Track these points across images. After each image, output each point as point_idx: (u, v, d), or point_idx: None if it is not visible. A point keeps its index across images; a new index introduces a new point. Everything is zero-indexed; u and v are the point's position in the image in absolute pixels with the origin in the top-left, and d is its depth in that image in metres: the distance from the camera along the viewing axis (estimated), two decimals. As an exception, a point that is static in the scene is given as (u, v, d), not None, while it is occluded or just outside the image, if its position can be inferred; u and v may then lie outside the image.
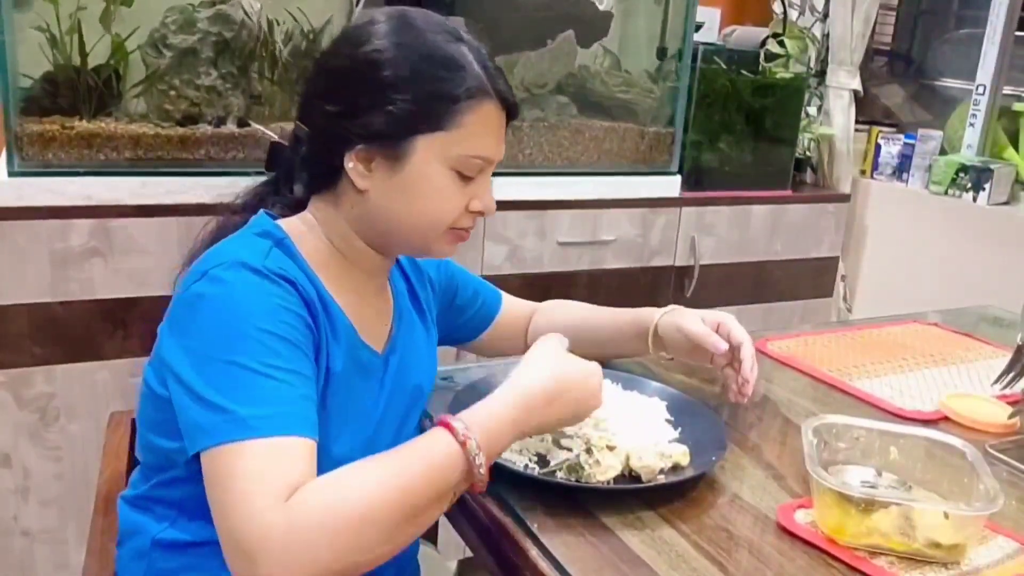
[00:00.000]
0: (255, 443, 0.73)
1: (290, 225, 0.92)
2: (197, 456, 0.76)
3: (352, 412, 0.90)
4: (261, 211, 0.93)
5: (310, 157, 0.92)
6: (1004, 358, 1.20)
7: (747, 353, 1.05)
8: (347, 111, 0.88)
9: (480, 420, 0.79)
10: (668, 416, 1.01)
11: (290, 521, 0.69)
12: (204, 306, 0.79)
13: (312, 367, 0.82)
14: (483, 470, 0.77)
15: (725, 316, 1.09)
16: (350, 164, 0.88)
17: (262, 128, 1.79)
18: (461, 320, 1.17)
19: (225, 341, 0.77)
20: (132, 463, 1.02)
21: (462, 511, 0.92)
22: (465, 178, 0.89)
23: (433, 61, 0.87)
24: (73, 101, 1.71)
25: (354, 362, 0.91)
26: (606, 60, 2.32)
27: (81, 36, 1.66)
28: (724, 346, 1.05)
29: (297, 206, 0.95)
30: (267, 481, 0.71)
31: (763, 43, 2.51)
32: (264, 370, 0.76)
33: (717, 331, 1.07)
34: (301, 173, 0.94)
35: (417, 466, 0.75)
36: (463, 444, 0.76)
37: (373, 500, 0.71)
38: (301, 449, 0.75)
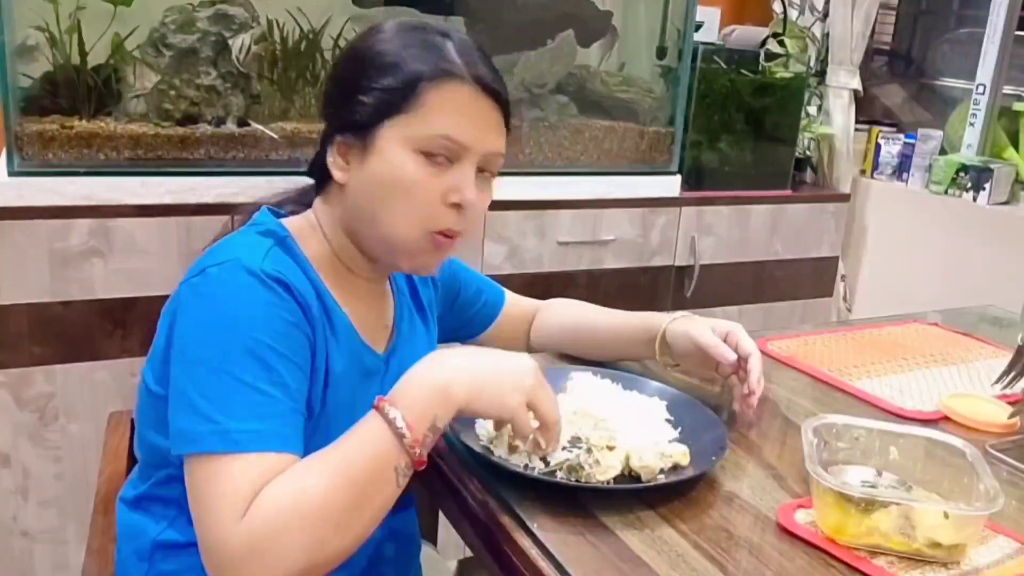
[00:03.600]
0: (237, 458, 0.73)
1: (294, 224, 0.92)
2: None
3: (353, 413, 0.89)
4: (264, 208, 0.93)
5: (314, 157, 0.94)
6: (1004, 358, 1.20)
7: (755, 365, 1.05)
8: (330, 104, 0.91)
9: (406, 394, 0.78)
10: (668, 416, 1.01)
11: (248, 534, 0.70)
12: (199, 306, 0.79)
13: (302, 377, 0.82)
14: (412, 442, 0.75)
15: (734, 326, 1.09)
16: (331, 158, 0.89)
17: (262, 128, 1.80)
18: (464, 317, 1.17)
19: (216, 347, 0.77)
20: (131, 463, 1.01)
21: (462, 511, 0.92)
22: (436, 164, 0.86)
23: (406, 50, 0.87)
24: (72, 101, 1.71)
25: (355, 363, 0.90)
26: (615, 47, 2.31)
27: (81, 36, 1.66)
28: (733, 357, 1.05)
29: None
30: (236, 498, 0.71)
31: (763, 43, 2.51)
32: (254, 382, 0.76)
33: (726, 340, 1.07)
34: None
35: (357, 456, 0.75)
36: (390, 423, 0.75)
37: (322, 496, 0.72)
38: (283, 465, 0.75)
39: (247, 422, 0.75)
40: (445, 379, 0.79)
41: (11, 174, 1.61)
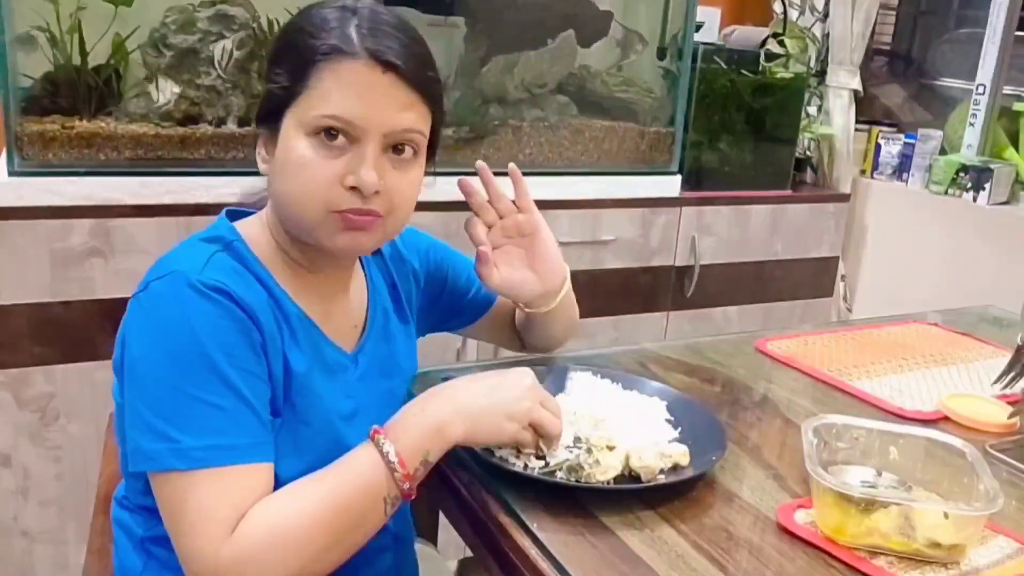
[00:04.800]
0: (202, 474, 0.74)
1: (245, 225, 0.91)
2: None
3: (319, 411, 0.88)
4: (224, 211, 0.93)
5: None
6: (1004, 358, 1.20)
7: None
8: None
9: (401, 428, 0.82)
10: (668, 416, 1.01)
11: (238, 553, 0.72)
12: (143, 323, 0.80)
13: (258, 383, 0.81)
14: (403, 476, 0.79)
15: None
16: (257, 151, 0.89)
17: (262, 128, 1.80)
18: (456, 307, 1.16)
19: (163, 363, 0.77)
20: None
21: (462, 511, 0.92)
22: (333, 146, 0.82)
23: (303, 31, 0.85)
24: (73, 101, 1.71)
25: (319, 362, 0.89)
26: (635, 43, 2.31)
27: (81, 36, 1.66)
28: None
29: None
30: (215, 515, 0.73)
31: (763, 43, 2.51)
32: (206, 396, 0.76)
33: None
34: None
35: (348, 483, 0.78)
36: (383, 456, 0.79)
37: (311, 520, 0.75)
38: (249, 476, 0.76)
39: (204, 437, 0.75)
40: (440, 417, 0.83)
41: (11, 174, 1.61)
